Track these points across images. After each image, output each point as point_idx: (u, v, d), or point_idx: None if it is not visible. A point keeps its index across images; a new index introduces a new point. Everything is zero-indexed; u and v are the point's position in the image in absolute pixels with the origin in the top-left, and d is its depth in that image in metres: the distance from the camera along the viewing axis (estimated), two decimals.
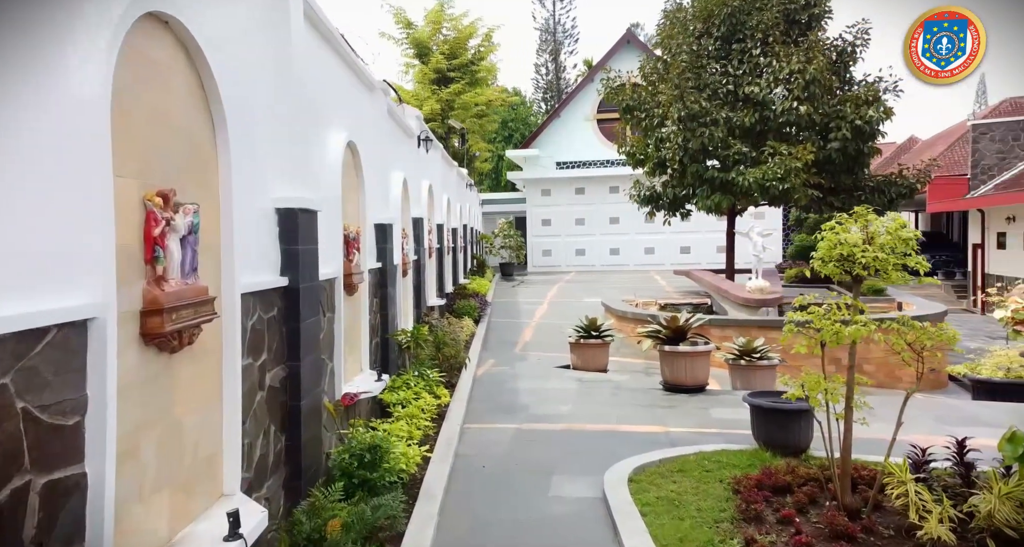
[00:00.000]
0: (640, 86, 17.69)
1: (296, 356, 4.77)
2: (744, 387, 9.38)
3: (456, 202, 18.46)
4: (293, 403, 4.72)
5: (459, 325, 12.19)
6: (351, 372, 6.80)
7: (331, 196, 6.05)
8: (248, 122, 4.16)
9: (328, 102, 6.20)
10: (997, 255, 20.78)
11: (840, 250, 4.77)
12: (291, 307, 4.78)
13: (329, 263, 5.95)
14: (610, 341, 10.74)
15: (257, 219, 4.38)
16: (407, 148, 11.04)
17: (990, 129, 22.29)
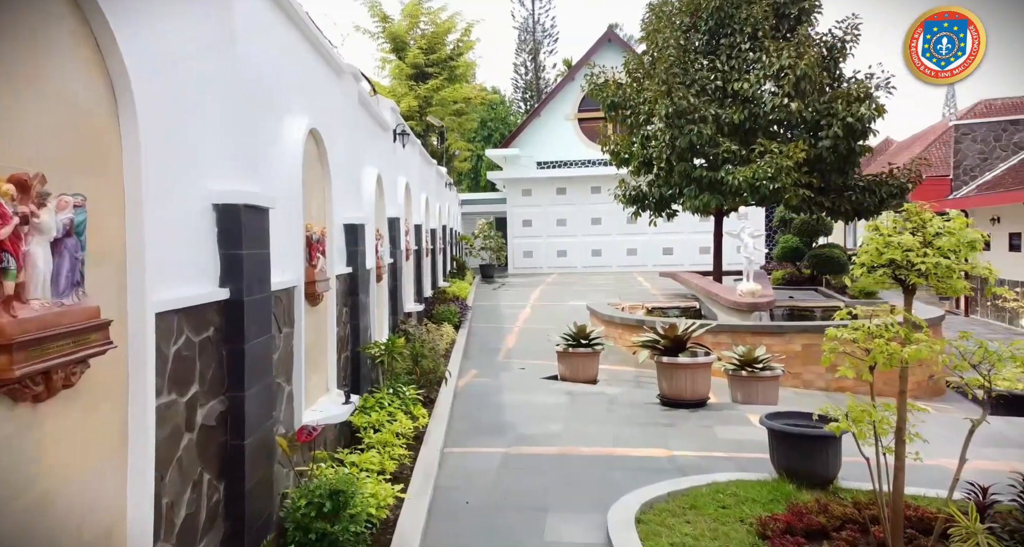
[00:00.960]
0: (625, 83, 16.94)
1: (240, 385, 3.86)
2: (745, 400, 8.64)
3: (435, 201, 17.55)
4: (235, 443, 3.81)
5: (438, 333, 11.30)
6: (315, 394, 5.89)
7: (289, 191, 5.13)
8: (169, 96, 3.25)
9: (286, 83, 5.29)
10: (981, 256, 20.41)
11: (890, 254, 3.98)
12: (233, 325, 3.87)
13: (286, 269, 5.04)
14: (600, 350, 9.94)
15: (184, 218, 3.47)
16: (382, 142, 10.13)
17: (972, 130, 21.95)
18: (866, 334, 4.05)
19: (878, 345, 3.89)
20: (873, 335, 3.98)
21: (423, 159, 14.92)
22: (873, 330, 4.00)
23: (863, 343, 4.04)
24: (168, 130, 3.24)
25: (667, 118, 14.87)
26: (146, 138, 2.93)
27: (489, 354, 12.53)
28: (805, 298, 16.22)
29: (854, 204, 15.29)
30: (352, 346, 7.25)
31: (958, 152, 22.21)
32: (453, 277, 19.92)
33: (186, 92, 3.50)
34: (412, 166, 13.12)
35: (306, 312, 5.63)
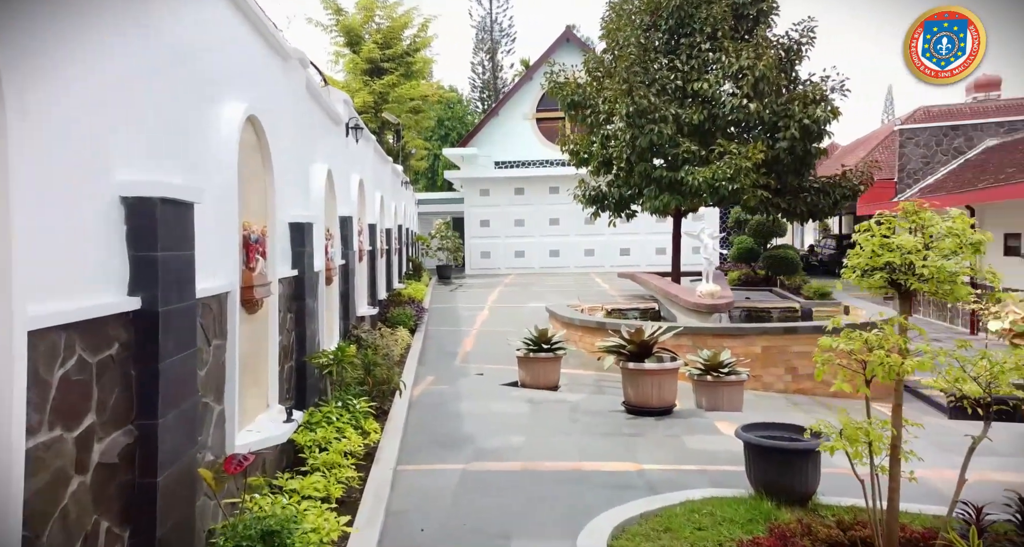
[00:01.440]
0: (585, 82, 16.60)
1: (152, 411, 3.25)
2: (711, 406, 8.34)
3: (390, 201, 16.87)
4: (145, 481, 3.19)
5: (393, 337, 10.69)
6: (252, 411, 5.26)
7: (221, 184, 4.51)
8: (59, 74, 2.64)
9: (219, 64, 4.65)
10: None
11: (888, 257, 3.63)
12: (145, 340, 3.26)
13: (218, 273, 4.41)
14: (562, 354, 9.52)
15: (78, 213, 2.85)
16: (333, 137, 9.47)
17: (915, 134, 22.45)
18: (863, 344, 3.69)
19: (878, 356, 3.53)
20: (871, 346, 3.62)
21: (378, 156, 14.25)
22: (872, 341, 3.63)
23: (860, 355, 3.68)
24: (44, 105, 2.61)
25: (628, 117, 14.59)
26: (17, 121, 2.31)
27: (446, 359, 11.98)
28: (761, 299, 16.19)
29: (809, 205, 15.32)
30: (297, 356, 6.61)
31: (903, 156, 22.71)
32: (409, 279, 19.26)
33: (87, 70, 2.88)
34: (366, 163, 12.46)
35: (243, 320, 5.00)
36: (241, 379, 4.91)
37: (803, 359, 11.30)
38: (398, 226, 18.57)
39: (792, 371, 11.25)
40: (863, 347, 3.69)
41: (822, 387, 11.41)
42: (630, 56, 15.08)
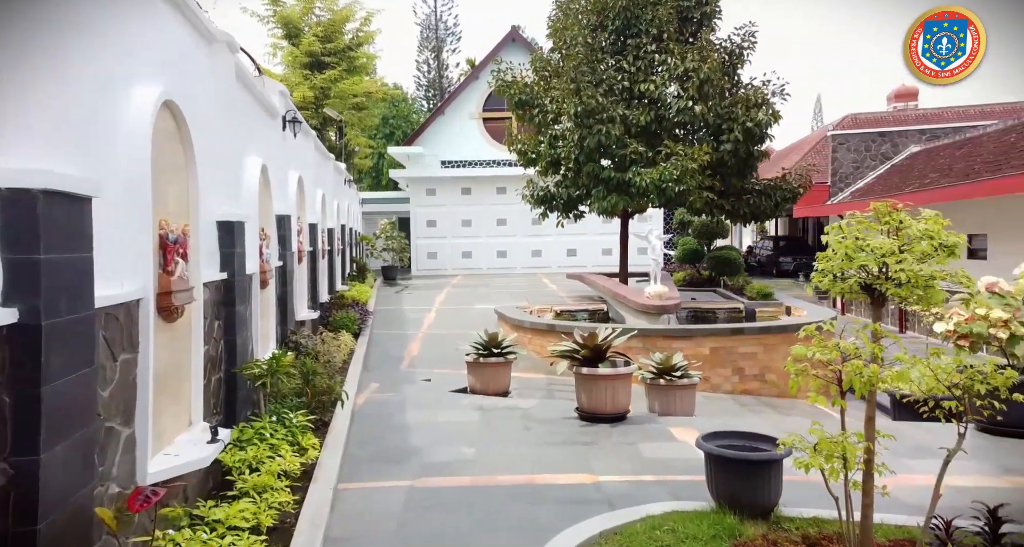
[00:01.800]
0: (532, 81, 16.33)
1: (31, 445, 2.69)
2: (663, 410, 8.14)
3: (333, 199, 16.15)
4: (22, 529, 2.64)
5: (335, 343, 10.11)
6: (171, 432, 4.67)
7: (131, 176, 3.93)
8: None
9: (127, 39, 4.07)
10: None
11: (863, 261, 3.41)
12: (24, 359, 2.70)
13: (126, 278, 3.84)
14: (513, 359, 9.15)
15: None
16: (269, 130, 8.83)
17: (847, 140, 23.22)
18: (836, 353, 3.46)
19: (855, 367, 3.30)
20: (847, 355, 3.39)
21: (319, 153, 13.56)
22: (848, 349, 3.40)
23: (835, 366, 3.44)
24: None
25: (576, 117, 14.38)
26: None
27: (392, 364, 11.44)
28: (706, 299, 16.28)
29: (752, 207, 15.49)
30: (227, 367, 6.01)
31: (835, 160, 23.44)
32: (353, 280, 18.54)
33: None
34: (306, 159, 11.78)
35: (160, 330, 4.42)
36: (157, 396, 4.33)
37: (749, 360, 11.32)
38: (341, 226, 17.85)
39: (739, 372, 11.25)
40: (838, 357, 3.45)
41: (768, 387, 11.46)
42: (578, 55, 14.90)
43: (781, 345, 11.43)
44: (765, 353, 11.33)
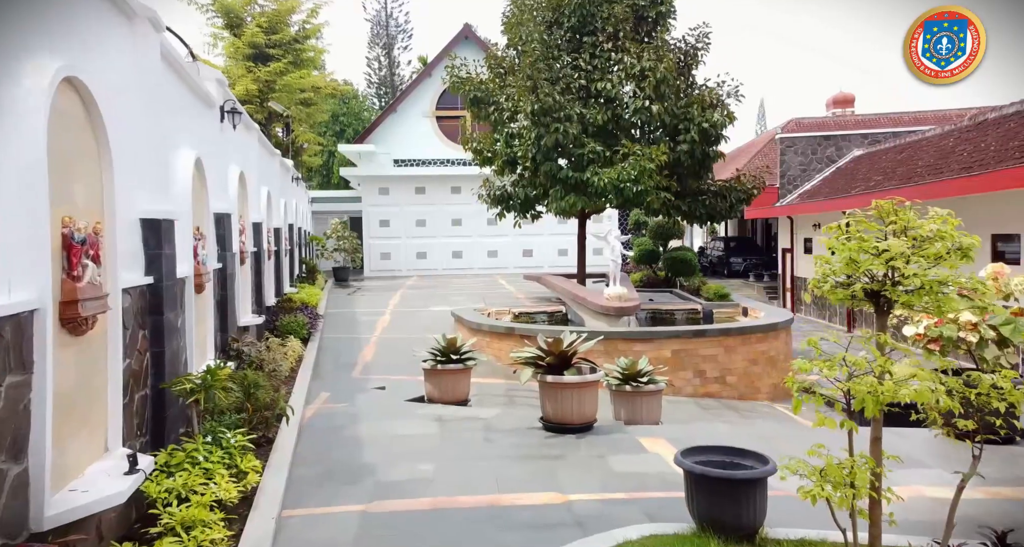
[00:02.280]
0: (487, 78, 15.85)
1: None
2: (629, 418, 7.78)
3: (279, 197, 15.29)
4: None
5: (282, 350, 9.39)
6: (82, 462, 3.99)
7: (21, 164, 3.26)
8: None
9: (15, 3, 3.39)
10: (805, 259, 21.91)
11: (869, 265, 3.05)
12: None
13: (15, 286, 3.18)
14: (473, 365, 8.65)
15: None
16: (205, 120, 8.07)
17: (794, 143, 23.61)
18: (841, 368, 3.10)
19: (867, 383, 2.94)
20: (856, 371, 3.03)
21: (263, 148, 12.72)
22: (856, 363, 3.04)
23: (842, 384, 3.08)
24: None
25: (533, 115, 13.97)
26: None
27: (343, 371, 10.77)
28: (664, 300, 16.12)
29: (708, 208, 15.40)
30: (154, 382, 5.31)
31: (783, 163, 23.80)
32: (302, 282, 17.65)
33: None
34: (249, 153, 10.98)
35: (63, 345, 3.75)
36: (62, 422, 3.66)
37: (710, 362, 11.13)
38: (288, 225, 16.96)
39: (700, 374, 11.04)
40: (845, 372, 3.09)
41: (728, 389, 11.30)
42: (534, 52, 14.50)
43: (740, 347, 11.29)
44: (726, 355, 11.16)
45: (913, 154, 17.73)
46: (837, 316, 19.49)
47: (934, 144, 17.15)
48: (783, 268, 23.49)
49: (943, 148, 16.32)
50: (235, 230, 9.31)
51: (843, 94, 28.94)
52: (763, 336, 11.50)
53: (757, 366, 11.37)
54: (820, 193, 20.84)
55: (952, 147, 15.78)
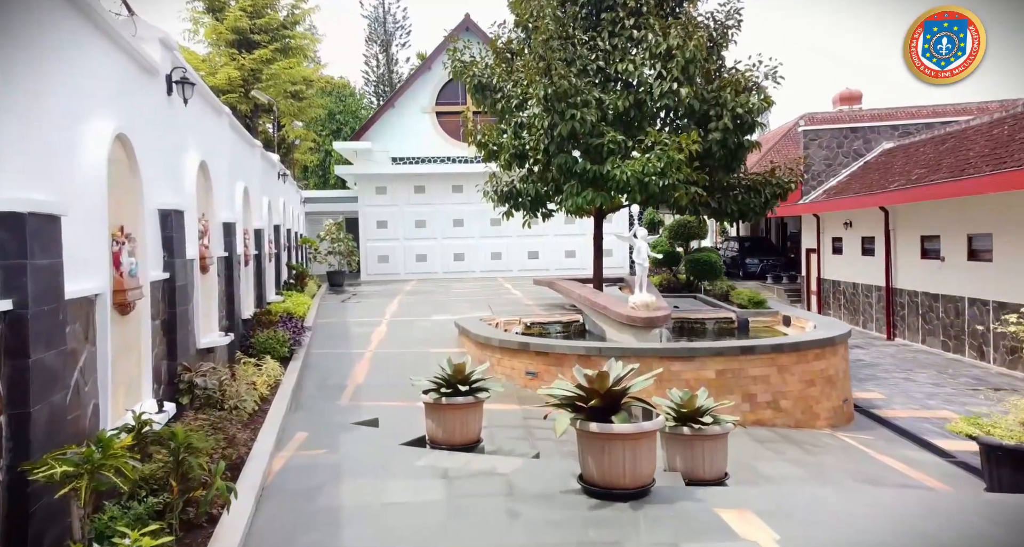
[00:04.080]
0: (493, 62, 13.99)
1: None
2: (689, 470, 5.91)
3: (261, 194, 13.40)
4: None
5: (252, 378, 7.50)
6: None
7: None
8: None
9: None
10: (833, 260, 20.06)
11: None
12: None
13: None
14: (486, 398, 6.77)
15: None
16: (143, 90, 6.18)
17: (818, 136, 21.77)
18: None
19: None
20: None
21: (236, 134, 10.82)
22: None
23: None
24: None
25: (546, 101, 12.08)
26: None
27: (329, 398, 8.90)
28: (690, 308, 14.25)
29: (740, 204, 13.52)
30: (10, 461, 3.42)
31: (807, 157, 21.96)
32: (290, 289, 15.75)
33: None
34: (215, 139, 9.10)
35: None
36: None
37: (761, 384, 9.26)
38: (275, 226, 15.07)
39: (750, 399, 9.17)
40: None
41: (782, 416, 9.41)
42: (547, 28, 12.61)
43: (795, 365, 9.41)
44: (779, 375, 9.29)
45: (958, 144, 15.88)
46: (873, 322, 17.64)
47: (983, 133, 15.31)
48: (807, 269, 21.63)
49: (997, 137, 14.48)
50: (192, 231, 7.43)
51: (850, 91, 27.20)
52: (820, 352, 9.63)
53: (815, 387, 9.49)
54: (850, 189, 18.99)
55: (1010, 135, 13.94)
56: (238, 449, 5.49)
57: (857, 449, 8.45)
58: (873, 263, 17.49)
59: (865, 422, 10.08)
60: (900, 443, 9.00)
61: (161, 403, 5.38)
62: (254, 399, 7.05)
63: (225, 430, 5.65)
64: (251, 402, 6.91)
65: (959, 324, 14.06)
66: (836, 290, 19.70)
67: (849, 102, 25.96)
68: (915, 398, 11.32)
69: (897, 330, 16.46)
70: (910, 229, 15.90)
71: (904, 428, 9.59)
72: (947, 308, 14.47)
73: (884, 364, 13.83)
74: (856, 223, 18.48)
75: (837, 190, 19.92)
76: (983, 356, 13.36)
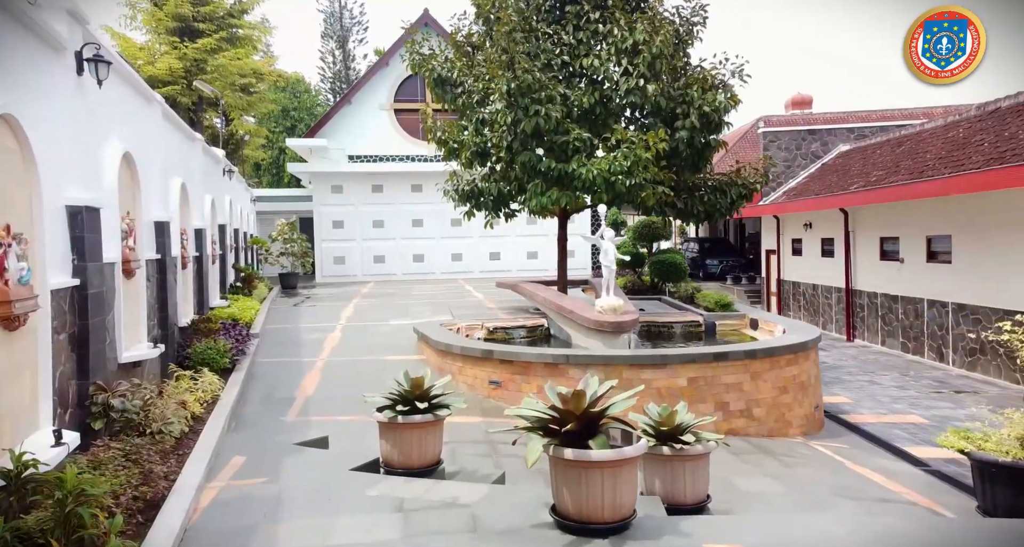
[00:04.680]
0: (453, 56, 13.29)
1: None
2: (669, 494, 5.35)
3: (204, 192, 12.36)
4: None
5: (180, 396, 6.64)
6: None
7: None
8: None
9: None
10: (793, 261, 20.04)
11: None
12: None
13: None
14: (447, 415, 6.08)
15: None
16: (44, 66, 5.27)
17: (778, 137, 21.81)
18: None
19: None
20: None
21: (172, 125, 9.81)
22: None
23: None
24: None
25: (509, 96, 11.45)
26: None
27: (274, 413, 8.07)
28: (656, 311, 13.83)
29: (706, 205, 13.16)
30: None
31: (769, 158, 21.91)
32: (236, 293, 14.69)
33: None
34: (141, 128, 8.14)
35: None
36: None
37: (734, 392, 8.83)
38: (220, 226, 14.01)
39: (723, 407, 8.73)
40: None
41: (755, 425, 8.99)
42: (510, 19, 11.98)
43: (768, 372, 9.02)
44: (752, 382, 8.89)
45: (915, 147, 15.96)
46: (833, 323, 17.62)
47: (940, 136, 15.39)
48: (767, 270, 21.61)
49: (954, 139, 14.54)
50: (113, 230, 6.51)
51: (801, 95, 27.61)
52: (793, 357, 9.27)
53: (787, 394, 9.13)
54: (809, 190, 18.99)
55: (965, 138, 14.00)
56: (156, 485, 4.66)
57: (832, 459, 8.09)
58: (833, 264, 17.48)
59: (835, 428, 9.79)
60: (873, 451, 8.70)
61: (59, 434, 4.51)
62: (184, 419, 6.19)
63: (141, 462, 4.81)
64: (180, 424, 6.05)
65: (919, 326, 14.04)
66: (796, 291, 19.69)
67: (800, 106, 26.28)
68: (882, 402, 11.13)
69: (857, 331, 16.45)
70: (869, 230, 15.89)
71: (875, 434, 9.32)
72: (907, 310, 14.46)
73: (847, 366, 13.70)
74: (816, 224, 18.47)
75: (797, 191, 19.92)
76: (942, 358, 13.35)
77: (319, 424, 7.81)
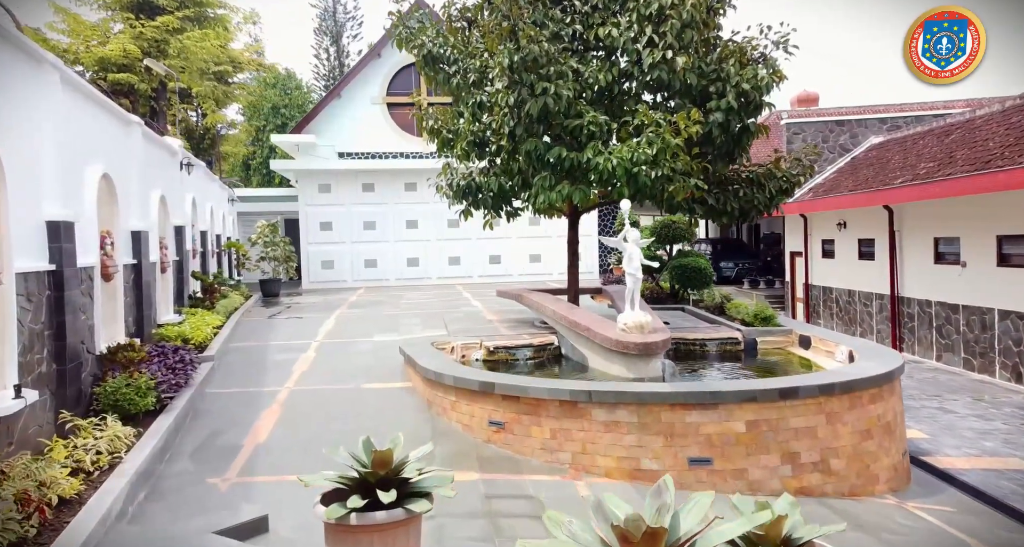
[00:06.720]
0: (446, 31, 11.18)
1: None
2: None
3: (149, 188, 10.19)
4: None
5: (40, 474, 4.47)
6: None
7: None
8: None
9: None
10: (823, 264, 17.87)
11: None
12: None
13: None
14: (426, 511, 3.92)
15: None
16: None
17: (803, 129, 19.69)
18: None
19: None
20: None
21: (88, 99, 7.61)
22: None
23: None
24: None
25: (511, 71, 9.31)
26: None
27: (205, 472, 5.94)
28: (682, 324, 11.65)
29: (742, 201, 10.98)
30: None
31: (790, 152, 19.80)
32: (196, 306, 12.50)
33: None
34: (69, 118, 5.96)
35: None
36: None
37: (805, 439, 6.66)
38: (176, 227, 11.84)
39: (791, 459, 6.56)
40: None
41: (834, 480, 6.78)
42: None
43: (847, 412, 6.86)
44: (827, 426, 6.72)
45: (969, 135, 13.80)
46: (874, 334, 15.45)
47: (999, 122, 13.25)
48: (792, 274, 19.44)
49: (1017, 125, 12.41)
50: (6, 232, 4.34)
51: (807, 93, 25.46)
52: (877, 391, 7.11)
53: (871, 440, 6.95)
54: (841, 186, 16.82)
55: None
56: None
57: (946, 533, 5.93)
58: (873, 268, 15.31)
59: (925, 479, 7.62)
60: (991, 517, 6.54)
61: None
62: (31, 516, 4.01)
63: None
64: (17, 526, 3.87)
65: (987, 340, 11.89)
66: (827, 297, 17.53)
67: (807, 103, 24.20)
68: (965, 437, 8.97)
69: (905, 344, 14.28)
70: (921, 230, 13.74)
71: (982, 490, 7.14)
72: (970, 321, 12.30)
73: (907, 387, 11.54)
74: (851, 223, 16.30)
75: (826, 188, 17.76)
76: (1020, 379, 11.19)
77: (264, 490, 5.70)
